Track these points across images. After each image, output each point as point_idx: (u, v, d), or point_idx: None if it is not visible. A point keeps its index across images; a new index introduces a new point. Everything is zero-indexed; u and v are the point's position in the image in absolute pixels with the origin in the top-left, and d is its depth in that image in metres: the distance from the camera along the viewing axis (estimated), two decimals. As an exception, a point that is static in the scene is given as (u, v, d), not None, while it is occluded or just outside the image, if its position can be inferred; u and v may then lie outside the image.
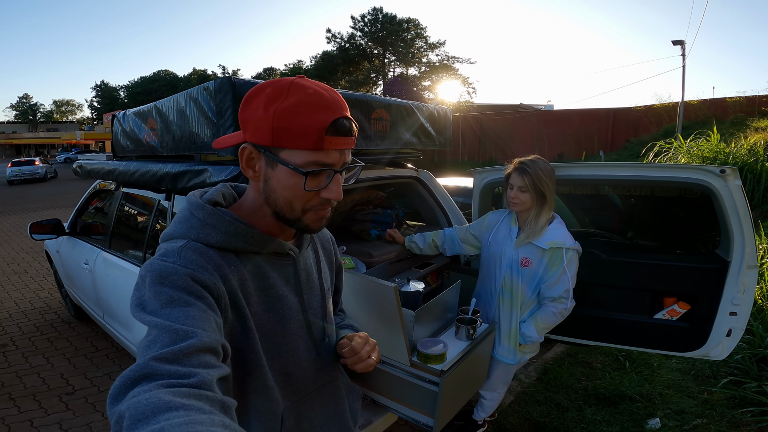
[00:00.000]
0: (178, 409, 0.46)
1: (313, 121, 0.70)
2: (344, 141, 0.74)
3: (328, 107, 0.71)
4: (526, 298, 1.95)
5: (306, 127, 0.70)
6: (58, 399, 2.73)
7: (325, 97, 0.72)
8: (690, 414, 2.40)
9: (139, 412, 0.46)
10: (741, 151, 7.37)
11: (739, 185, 1.74)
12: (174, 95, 1.84)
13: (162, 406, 0.46)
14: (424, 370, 1.53)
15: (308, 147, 0.71)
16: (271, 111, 0.70)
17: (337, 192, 0.76)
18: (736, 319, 1.85)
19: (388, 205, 2.71)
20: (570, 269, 1.86)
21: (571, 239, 1.89)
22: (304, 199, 0.75)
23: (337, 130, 0.72)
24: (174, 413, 0.46)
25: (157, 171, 1.93)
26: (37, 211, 10.70)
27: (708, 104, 14.28)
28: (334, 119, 0.71)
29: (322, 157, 0.72)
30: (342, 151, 0.74)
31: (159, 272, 0.67)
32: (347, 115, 0.74)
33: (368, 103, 2.00)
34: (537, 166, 1.89)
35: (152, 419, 0.45)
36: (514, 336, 1.97)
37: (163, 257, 0.71)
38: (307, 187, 0.73)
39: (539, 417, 2.42)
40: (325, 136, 0.71)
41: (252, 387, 0.79)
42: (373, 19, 34.51)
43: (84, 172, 2.88)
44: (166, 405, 0.46)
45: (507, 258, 1.96)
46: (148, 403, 0.47)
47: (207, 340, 0.59)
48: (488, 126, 18.74)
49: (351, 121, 0.75)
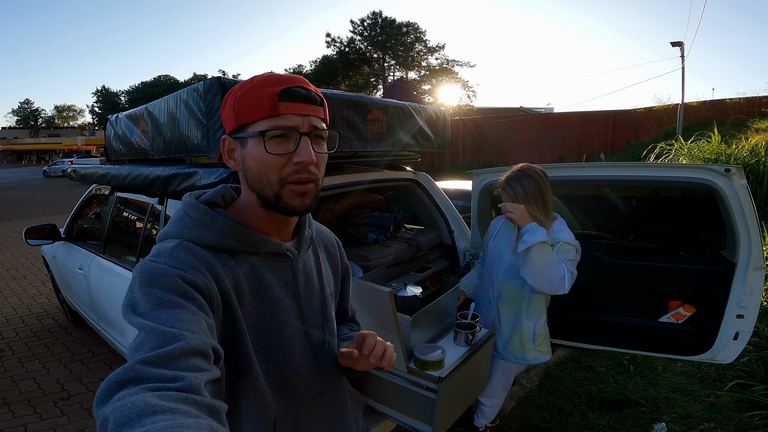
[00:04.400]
0: (164, 413, 0.45)
1: (265, 92, 0.73)
2: (302, 107, 0.74)
3: (281, 80, 0.74)
4: (525, 297, 1.90)
5: (259, 98, 0.73)
6: (53, 404, 2.70)
7: (279, 75, 0.76)
8: (696, 418, 2.36)
9: (124, 415, 0.45)
10: (742, 153, 7.34)
11: (744, 185, 1.71)
12: (164, 97, 1.81)
13: (147, 409, 0.45)
14: (422, 377, 1.50)
15: (264, 115, 0.73)
16: (233, 99, 0.76)
17: (308, 153, 0.74)
18: (743, 322, 1.82)
19: (385, 208, 2.68)
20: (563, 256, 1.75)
21: (571, 237, 1.84)
22: (275, 166, 0.74)
23: (290, 95, 0.73)
24: (159, 417, 0.45)
25: (149, 174, 1.91)
26: (37, 216, 10.68)
27: (708, 106, 14.29)
28: (286, 87, 0.73)
29: (281, 121, 0.73)
30: (305, 116, 0.75)
31: (149, 273, 0.66)
32: (303, 85, 0.75)
33: (364, 105, 1.96)
34: (520, 182, 1.80)
35: (137, 423, 0.44)
36: (526, 339, 1.90)
37: (154, 258, 0.70)
38: (270, 150, 0.73)
39: (542, 422, 2.38)
40: (278, 102, 0.72)
41: (243, 390, 0.77)
42: (373, 23, 34.66)
43: (78, 177, 2.88)
44: (152, 408, 0.45)
45: (506, 263, 1.92)
46: (133, 406, 0.46)
47: (195, 343, 0.58)
48: (488, 129, 18.75)
49: (309, 90, 0.76)
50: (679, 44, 13.34)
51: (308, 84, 0.77)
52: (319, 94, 0.78)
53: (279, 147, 0.73)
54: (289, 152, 0.74)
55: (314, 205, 0.80)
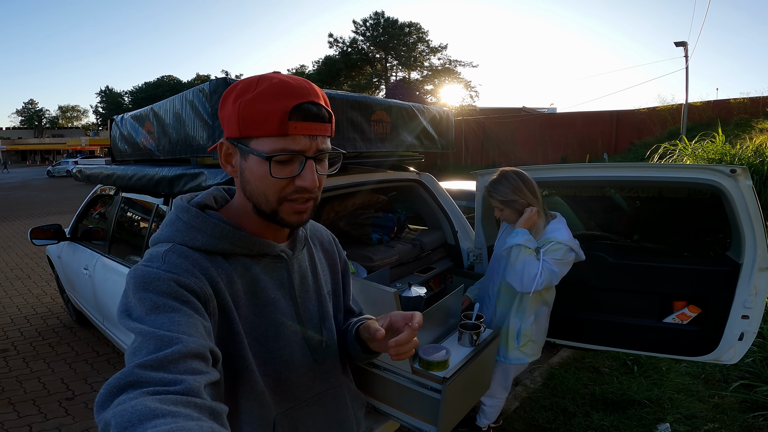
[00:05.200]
0: (165, 416, 0.45)
1: (275, 107, 0.69)
2: (312, 126, 0.71)
3: (292, 93, 0.70)
4: (524, 298, 1.92)
5: (268, 113, 0.69)
6: (57, 404, 2.72)
7: (290, 84, 0.71)
8: (701, 418, 2.36)
9: (125, 420, 0.45)
10: (747, 153, 7.31)
11: (750, 185, 1.70)
12: (170, 98, 1.81)
13: (148, 413, 0.45)
14: (426, 378, 1.50)
15: (272, 133, 0.70)
16: (238, 103, 0.71)
17: (312, 179, 0.72)
18: (748, 323, 1.82)
19: (389, 208, 2.68)
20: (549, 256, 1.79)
21: (566, 236, 1.84)
22: (276, 187, 0.73)
23: (302, 114, 0.70)
24: (161, 420, 0.45)
25: (154, 175, 1.91)
26: (42, 216, 10.73)
27: (712, 106, 14.22)
28: (297, 103, 0.69)
29: (288, 143, 0.70)
30: (312, 137, 0.72)
31: (143, 278, 0.66)
32: (314, 101, 0.72)
33: (368, 105, 1.96)
34: (500, 184, 1.91)
35: (139, 427, 0.44)
36: (511, 337, 1.95)
37: (147, 263, 0.70)
38: (274, 174, 0.71)
39: (545, 423, 2.38)
40: (288, 121, 0.69)
41: (242, 392, 0.77)
42: (375, 23, 34.64)
43: (83, 177, 2.88)
44: (153, 412, 0.45)
45: (505, 261, 1.95)
46: (134, 410, 0.45)
47: (193, 346, 0.58)
48: (491, 130, 18.73)
49: (320, 107, 0.72)
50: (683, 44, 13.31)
51: (318, 96, 0.73)
52: (329, 109, 0.75)
53: (283, 171, 0.72)
54: (292, 176, 0.72)
55: (310, 217, 0.80)
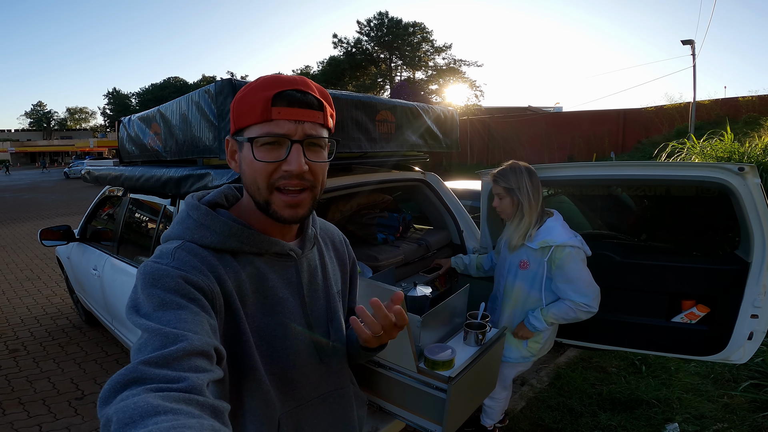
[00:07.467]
0: (167, 414, 0.46)
1: (260, 96, 0.71)
2: (297, 112, 0.72)
3: (278, 83, 0.72)
4: (529, 297, 1.92)
5: (254, 102, 0.72)
6: (67, 404, 2.74)
7: (280, 77, 0.73)
8: (710, 418, 2.34)
9: (127, 416, 0.45)
10: (756, 151, 7.21)
11: (758, 183, 1.69)
12: (177, 99, 1.83)
13: (150, 410, 0.46)
14: (432, 377, 1.49)
15: (257, 120, 0.71)
16: (235, 100, 0.75)
17: (298, 162, 0.72)
18: (758, 322, 1.79)
19: (394, 208, 2.68)
20: (569, 268, 1.79)
21: (565, 236, 1.83)
22: (264, 172, 0.73)
23: (285, 100, 0.71)
24: (162, 417, 0.45)
25: (161, 176, 1.93)
26: (51, 218, 10.83)
27: (720, 104, 14.08)
28: (280, 90, 0.71)
29: (272, 127, 0.71)
30: (299, 122, 0.72)
31: (151, 275, 0.67)
32: (301, 88, 0.72)
33: (373, 105, 1.97)
34: (507, 171, 1.94)
35: (140, 423, 0.44)
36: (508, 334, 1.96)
37: (156, 259, 0.70)
38: (258, 157, 0.72)
39: (552, 423, 2.36)
40: (271, 107, 0.70)
41: (247, 390, 0.78)
42: (379, 23, 34.65)
43: (92, 178, 2.92)
44: (155, 409, 0.46)
45: (508, 263, 1.98)
46: (136, 407, 0.46)
47: (197, 344, 0.58)
48: (496, 129, 18.66)
49: (306, 93, 0.73)
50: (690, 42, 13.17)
51: (309, 87, 0.74)
52: (319, 98, 0.74)
53: (269, 155, 0.72)
54: (279, 160, 0.72)
55: (310, 213, 0.79)
